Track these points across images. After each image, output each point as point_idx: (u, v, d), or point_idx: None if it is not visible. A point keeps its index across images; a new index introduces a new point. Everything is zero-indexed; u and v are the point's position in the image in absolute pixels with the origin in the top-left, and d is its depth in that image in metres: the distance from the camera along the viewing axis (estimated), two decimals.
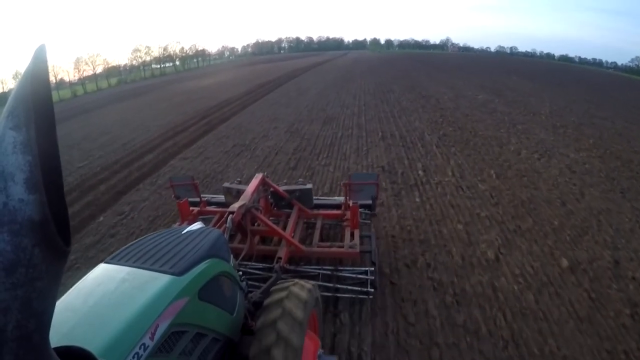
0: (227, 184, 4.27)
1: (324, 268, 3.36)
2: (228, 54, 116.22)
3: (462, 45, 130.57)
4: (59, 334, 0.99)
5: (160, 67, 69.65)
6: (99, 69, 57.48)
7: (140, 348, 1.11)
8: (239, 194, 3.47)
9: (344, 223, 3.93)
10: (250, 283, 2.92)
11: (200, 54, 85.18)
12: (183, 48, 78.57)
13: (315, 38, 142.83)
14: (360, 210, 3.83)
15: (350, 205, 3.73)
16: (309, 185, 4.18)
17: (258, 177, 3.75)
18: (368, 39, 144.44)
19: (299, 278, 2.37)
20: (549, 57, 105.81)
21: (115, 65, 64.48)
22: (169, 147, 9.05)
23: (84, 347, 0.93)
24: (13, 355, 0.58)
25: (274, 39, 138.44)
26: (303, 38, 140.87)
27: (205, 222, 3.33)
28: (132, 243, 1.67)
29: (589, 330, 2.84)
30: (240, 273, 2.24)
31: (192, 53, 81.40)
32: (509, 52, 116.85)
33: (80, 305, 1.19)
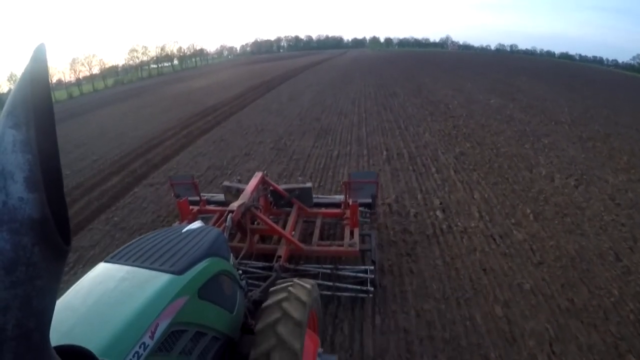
0: (227, 183, 4.28)
1: (324, 267, 3.36)
2: (227, 53, 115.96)
3: (462, 44, 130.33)
4: (59, 333, 0.99)
5: (158, 66, 69.28)
6: (96, 70, 57.26)
7: (140, 347, 1.11)
8: (239, 193, 3.48)
9: (344, 222, 3.94)
10: (250, 282, 2.92)
11: (199, 54, 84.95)
12: (181, 48, 78.49)
13: (315, 37, 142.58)
14: (360, 209, 3.84)
15: (350, 204, 3.74)
16: (309, 184, 4.20)
17: (258, 175, 3.76)
18: (367, 38, 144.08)
19: (299, 277, 2.37)
20: (550, 55, 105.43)
21: (114, 65, 64.41)
22: (138, 167, 7.83)
23: (84, 346, 0.93)
24: (13, 354, 0.58)
25: (273, 38, 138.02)
26: (302, 37, 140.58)
27: (205, 221, 3.34)
28: (131, 242, 1.67)
29: None
30: (240, 272, 2.25)
31: (190, 52, 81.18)
32: (509, 50, 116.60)
33: (80, 304, 1.19)
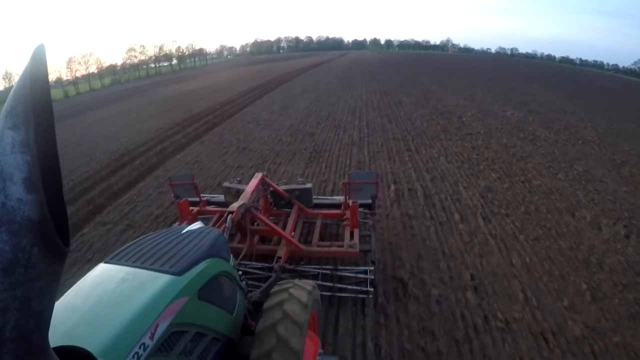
0: (226, 183, 4.28)
1: (324, 267, 3.36)
2: (227, 54, 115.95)
3: (462, 46, 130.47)
4: (59, 334, 0.99)
5: (156, 66, 69.15)
6: (92, 69, 57.23)
7: (140, 348, 1.11)
8: (239, 194, 3.47)
9: (344, 222, 3.94)
10: (250, 283, 2.91)
11: (198, 53, 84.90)
12: (180, 47, 78.46)
13: (315, 38, 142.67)
14: (360, 210, 3.84)
15: (350, 205, 3.74)
16: (309, 185, 4.19)
17: (257, 176, 3.76)
18: (368, 39, 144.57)
19: (299, 277, 2.38)
20: (550, 58, 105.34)
21: (113, 64, 64.42)
22: (96, 195, 6.47)
23: (84, 347, 0.93)
24: (12, 355, 0.58)
25: (273, 39, 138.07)
26: (302, 38, 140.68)
27: (205, 221, 3.34)
28: (131, 243, 1.67)
29: None
30: (240, 273, 2.24)
31: (189, 52, 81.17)
32: (510, 53, 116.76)
33: (80, 305, 1.19)
